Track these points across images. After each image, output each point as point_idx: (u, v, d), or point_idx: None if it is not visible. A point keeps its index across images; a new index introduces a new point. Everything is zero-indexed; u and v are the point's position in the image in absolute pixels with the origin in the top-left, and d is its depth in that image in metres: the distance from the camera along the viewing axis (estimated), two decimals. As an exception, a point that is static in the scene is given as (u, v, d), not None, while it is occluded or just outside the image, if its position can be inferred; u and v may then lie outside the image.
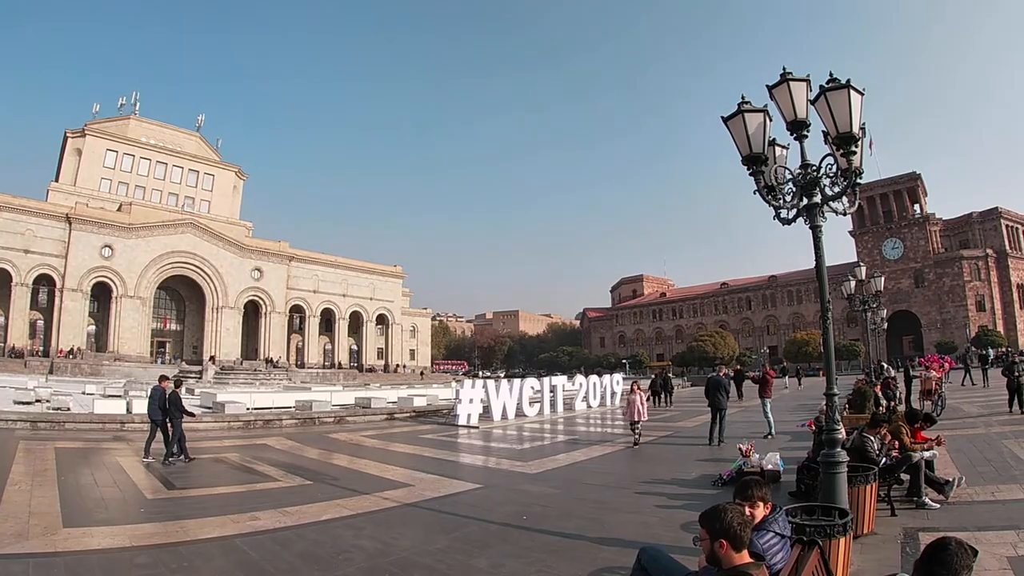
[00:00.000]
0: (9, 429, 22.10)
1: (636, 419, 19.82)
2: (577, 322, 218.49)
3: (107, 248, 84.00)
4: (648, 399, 42.37)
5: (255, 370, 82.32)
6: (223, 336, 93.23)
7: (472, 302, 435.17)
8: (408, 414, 32.45)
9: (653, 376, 47.39)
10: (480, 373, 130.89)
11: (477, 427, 26.54)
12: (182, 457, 17.13)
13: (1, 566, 7.91)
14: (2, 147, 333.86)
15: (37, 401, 30.66)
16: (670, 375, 49.04)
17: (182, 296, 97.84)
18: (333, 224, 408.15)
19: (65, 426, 23.41)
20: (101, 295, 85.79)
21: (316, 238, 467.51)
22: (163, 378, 18.49)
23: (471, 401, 28.03)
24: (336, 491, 12.90)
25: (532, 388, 32.41)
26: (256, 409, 31.30)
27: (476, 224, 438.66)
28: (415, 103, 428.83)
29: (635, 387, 21.23)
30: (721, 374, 22.09)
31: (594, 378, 38.34)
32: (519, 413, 30.10)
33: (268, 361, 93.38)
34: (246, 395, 34.75)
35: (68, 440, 20.55)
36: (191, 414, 18.73)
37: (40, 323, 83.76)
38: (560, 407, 33.39)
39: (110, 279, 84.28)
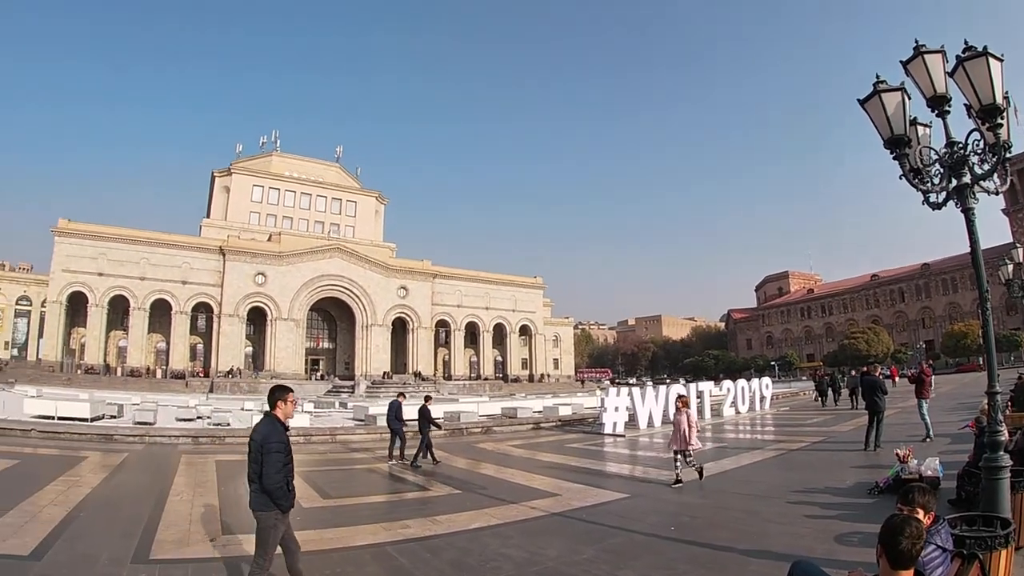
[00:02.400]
0: (172, 444, 23.75)
1: (681, 447, 14.85)
2: (722, 324, 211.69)
3: (260, 275, 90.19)
4: (815, 399, 40.86)
5: (404, 383, 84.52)
6: (373, 352, 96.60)
7: (614, 309, 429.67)
8: (554, 423, 32.50)
9: (817, 377, 45.08)
10: (628, 380, 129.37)
11: (623, 435, 26.22)
12: (429, 459, 19.57)
13: (162, 570, 8.41)
14: (156, 188, 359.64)
15: (198, 418, 32.88)
16: (837, 374, 47.00)
17: (333, 316, 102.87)
18: (473, 240, 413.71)
19: (225, 440, 24.87)
20: (256, 319, 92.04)
21: (457, 254, 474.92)
22: (401, 394, 22.31)
23: (616, 409, 27.64)
24: (484, 500, 13.03)
25: (678, 394, 31.84)
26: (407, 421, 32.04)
27: (615, 230, 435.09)
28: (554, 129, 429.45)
29: (681, 404, 15.84)
30: (876, 373, 21.01)
31: (742, 382, 37.29)
32: (665, 420, 29.51)
33: (416, 375, 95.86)
34: (397, 408, 35.44)
35: (227, 453, 21.65)
36: (438, 426, 20.83)
37: (200, 347, 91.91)
38: (707, 414, 32.65)
39: (264, 304, 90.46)
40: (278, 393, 7.14)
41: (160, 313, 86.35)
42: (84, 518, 11.32)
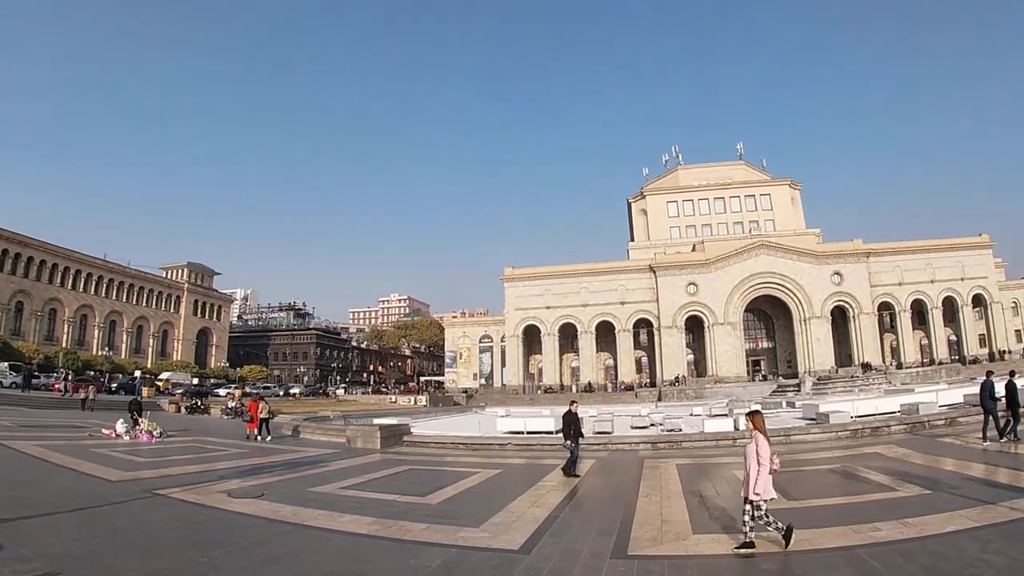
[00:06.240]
0: (633, 450, 25.65)
1: (746, 495, 9.92)
2: None
3: (691, 285, 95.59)
4: None
5: (852, 376, 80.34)
6: (814, 346, 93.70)
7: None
8: (1034, 411, 28.69)
9: None
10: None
11: None
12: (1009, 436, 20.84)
13: (640, 566, 9.33)
14: (576, 227, 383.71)
15: (651, 425, 35.45)
16: None
17: (768, 314, 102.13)
18: (908, 203, 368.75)
19: (681, 445, 26.18)
20: (694, 327, 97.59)
21: (889, 224, 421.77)
22: (989, 372, 23.64)
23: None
24: (956, 500, 12.30)
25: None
26: (860, 417, 30.84)
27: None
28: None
29: (752, 424, 10.64)
30: None
31: None
32: None
33: (864, 365, 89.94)
34: (847, 403, 34.61)
35: (684, 457, 22.90)
36: (1019, 404, 21.43)
37: (644, 359, 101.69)
38: None
39: (699, 311, 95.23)
40: None
41: (604, 333, 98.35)
42: (563, 518, 12.92)
